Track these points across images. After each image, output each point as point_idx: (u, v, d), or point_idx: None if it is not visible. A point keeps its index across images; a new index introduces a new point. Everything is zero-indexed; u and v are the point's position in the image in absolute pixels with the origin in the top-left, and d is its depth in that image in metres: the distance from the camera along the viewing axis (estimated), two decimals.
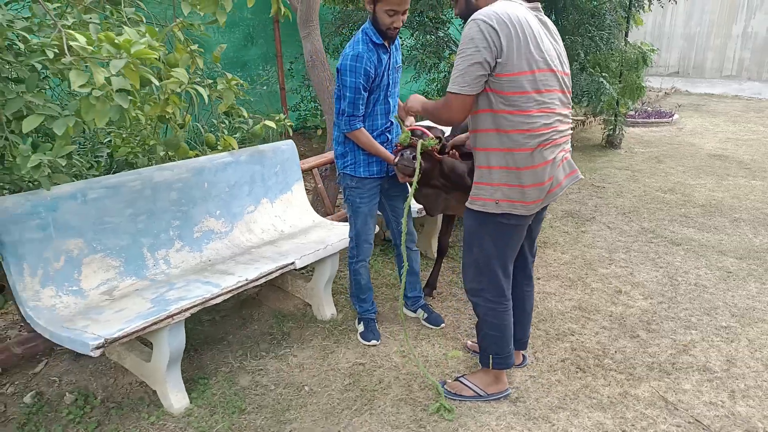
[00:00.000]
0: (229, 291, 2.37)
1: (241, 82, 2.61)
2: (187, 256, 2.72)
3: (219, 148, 3.09)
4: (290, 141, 3.35)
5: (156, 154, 3.10)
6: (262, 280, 2.53)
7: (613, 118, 6.77)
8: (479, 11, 1.89)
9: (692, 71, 12.40)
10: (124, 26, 1.90)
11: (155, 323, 2.09)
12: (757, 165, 6.04)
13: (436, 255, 3.41)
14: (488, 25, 1.83)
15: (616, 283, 3.43)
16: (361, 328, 2.87)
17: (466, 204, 2.12)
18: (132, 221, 2.55)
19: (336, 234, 3.01)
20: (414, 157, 2.31)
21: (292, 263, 2.65)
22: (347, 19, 6.21)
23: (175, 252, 2.69)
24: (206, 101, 2.32)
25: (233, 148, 3.04)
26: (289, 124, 3.15)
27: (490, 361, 2.31)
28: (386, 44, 2.43)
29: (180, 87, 2.37)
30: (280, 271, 2.61)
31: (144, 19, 2.20)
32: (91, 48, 1.71)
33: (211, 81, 2.81)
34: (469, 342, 2.76)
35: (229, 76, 2.58)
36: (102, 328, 2.03)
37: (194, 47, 2.52)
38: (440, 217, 3.40)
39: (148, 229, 2.61)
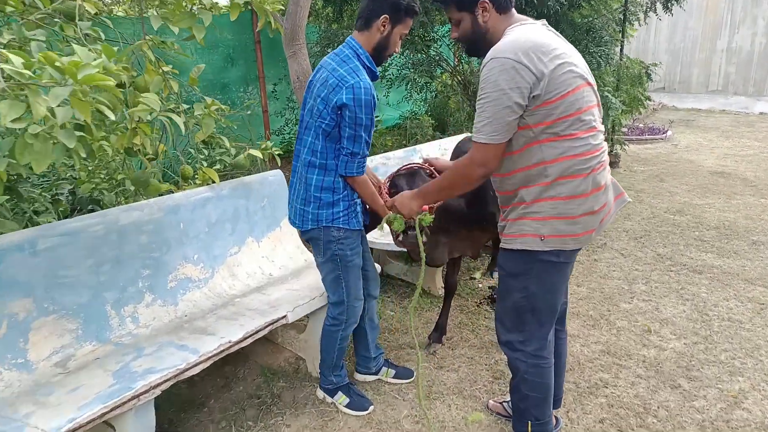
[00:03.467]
0: (209, 357, 1.98)
1: (222, 106, 2.26)
2: (160, 312, 2.32)
3: (197, 181, 2.72)
4: (278, 171, 2.99)
5: (126, 189, 2.73)
6: (249, 340, 2.14)
7: (610, 135, 6.54)
8: (499, 47, 1.64)
9: (678, 86, 12.37)
10: (74, 44, 1.54)
11: (117, 407, 1.69)
12: (763, 183, 5.83)
13: (443, 294, 3.05)
14: (515, 61, 1.58)
15: (642, 320, 3.10)
16: (344, 400, 2.38)
17: (502, 245, 1.81)
18: (93, 273, 2.15)
19: None
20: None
21: (284, 317, 2.27)
22: (333, 38, 5.92)
23: (145, 307, 2.29)
24: (183, 130, 1.96)
25: (213, 182, 2.67)
26: (277, 152, 2.78)
27: (529, 429, 1.95)
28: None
29: (151, 114, 2.01)
30: (269, 328, 2.23)
31: (103, 37, 1.83)
32: (29, 72, 1.35)
33: (187, 106, 2.46)
34: (491, 401, 2.39)
35: (209, 100, 2.22)
36: (49, 418, 1.63)
37: (168, 68, 2.17)
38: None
39: (113, 281, 2.21)
